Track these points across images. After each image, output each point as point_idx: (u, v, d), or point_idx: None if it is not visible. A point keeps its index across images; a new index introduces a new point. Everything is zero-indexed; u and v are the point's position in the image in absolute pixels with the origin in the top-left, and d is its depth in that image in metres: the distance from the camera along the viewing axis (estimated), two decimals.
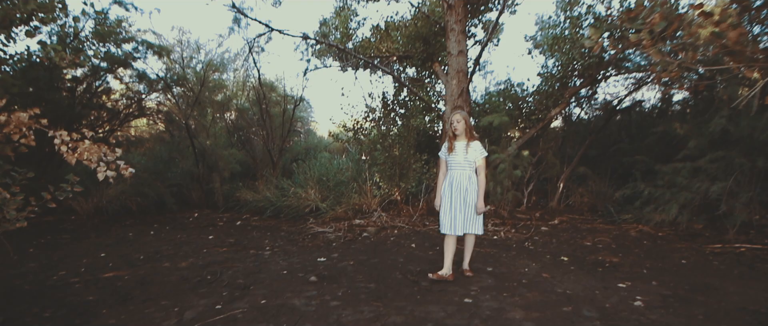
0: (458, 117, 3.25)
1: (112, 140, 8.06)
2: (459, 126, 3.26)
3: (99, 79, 7.26)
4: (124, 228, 5.99)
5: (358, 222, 5.50)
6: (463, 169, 3.23)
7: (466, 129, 3.26)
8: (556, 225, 5.81)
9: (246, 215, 6.81)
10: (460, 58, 6.25)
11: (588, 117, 7.56)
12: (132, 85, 7.65)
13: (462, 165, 3.24)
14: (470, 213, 3.19)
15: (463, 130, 3.25)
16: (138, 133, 9.64)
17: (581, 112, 7.77)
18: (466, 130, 3.26)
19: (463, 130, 3.24)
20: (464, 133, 3.25)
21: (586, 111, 7.76)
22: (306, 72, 7.80)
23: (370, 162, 6.78)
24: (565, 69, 6.41)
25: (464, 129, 3.25)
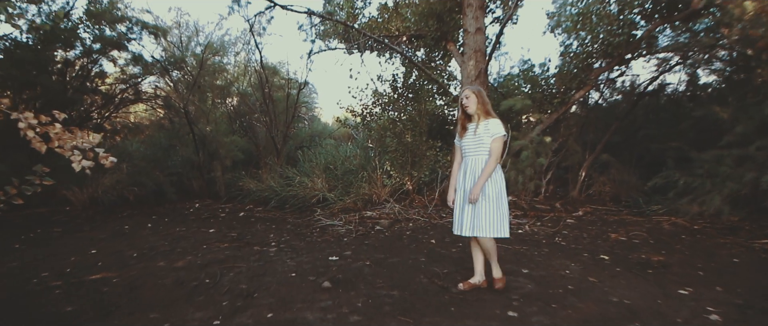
0: (468, 92, 2.65)
1: (108, 126, 7.58)
2: (470, 102, 2.64)
3: (92, 62, 6.74)
4: (120, 220, 5.56)
5: (370, 215, 5.04)
6: (476, 154, 2.63)
7: (480, 106, 2.63)
8: (581, 217, 5.34)
9: (249, 205, 6.36)
10: (478, 36, 5.71)
11: (607, 101, 7.02)
12: (127, 69, 7.13)
13: (474, 149, 2.64)
14: (480, 209, 2.57)
15: (476, 107, 2.63)
16: (138, 120, 9.16)
17: (600, 97, 7.23)
18: (480, 107, 2.63)
19: (475, 107, 2.63)
20: (478, 110, 2.64)
21: (604, 95, 7.22)
22: (310, 53, 7.26)
23: (379, 149, 6.29)
24: (591, 47, 5.86)
25: (477, 106, 2.63)
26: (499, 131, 2.56)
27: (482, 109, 2.63)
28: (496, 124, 2.58)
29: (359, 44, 6.83)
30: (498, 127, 2.57)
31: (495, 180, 2.57)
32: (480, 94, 2.66)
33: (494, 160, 2.53)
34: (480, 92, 2.68)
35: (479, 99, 2.64)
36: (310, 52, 7.13)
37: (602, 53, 5.73)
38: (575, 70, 5.88)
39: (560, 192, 6.79)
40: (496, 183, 2.58)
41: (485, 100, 2.66)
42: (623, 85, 6.51)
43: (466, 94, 2.66)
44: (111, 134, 7.56)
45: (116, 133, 7.64)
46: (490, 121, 2.58)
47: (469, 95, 2.65)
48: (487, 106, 2.65)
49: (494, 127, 2.57)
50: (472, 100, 2.64)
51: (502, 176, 2.64)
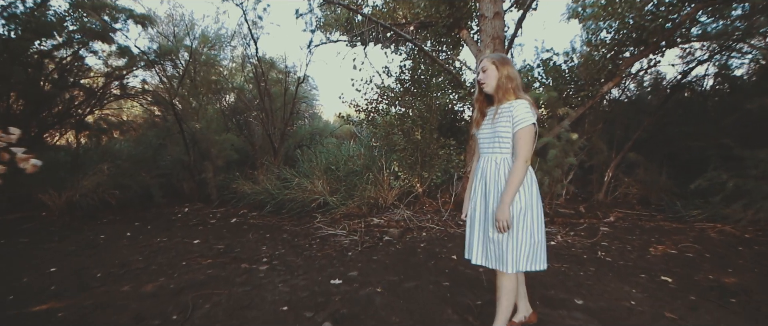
0: (486, 62, 1.89)
1: (94, 124, 6.89)
2: (488, 76, 1.86)
3: (73, 54, 6.05)
4: (98, 227, 4.88)
5: (377, 222, 4.36)
6: (492, 151, 1.87)
7: (503, 81, 1.83)
8: (614, 224, 4.66)
9: (243, 210, 5.68)
10: (497, 21, 5.01)
11: (632, 95, 6.32)
12: (110, 62, 6.44)
13: (489, 143, 1.88)
14: (495, 231, 1.80)
15: (496, 83, 1.85)
16: (130, 117, 8.47)
17: (622, 91, 6.53)
18: (503, 82, 1.83)
19: (495, 82, 1.85)
20: (500, 88, 1.84)
21: (629, 89, 6.52)
22: (310, 45, 6.56)
23: (386, 148, 5.60)
24: (621, 34, 5.16)
25: (497, 81, 1.84)
26: (526, 117, 1.73)
27: (506, 86, 1.82)
28: (523, 107, 1.75)
29: (364, 34, 6.13)
30: (525, 111, 1.73)
31: (524, 189, 1.79)
32: (503, 64, 1.85)
33: (522, 162, 1.72)
34: (503, 61, 1.86)
35: (501, 71, 1.84)
36: (309, 43, 6.43)
37: (634, 41, 5.03)
38: (602, 61, 5.18)
39: (582, 195, 6.10)
40: (526, 195, 1.79)
41: (511, 73, 1.84)
42: (661, 75, 5.81)
43: (483, 64, 1.89)
44: (97, 132, 6.88)
45: (103, 131, 6.96)
46: (514, 103, 1.77)
47: (488, 66, 1.87)
48: (513, 82, 1.83)
49: (520, 110, 1.74)
50: (491, 72, 1.86)
51: (535, 181, 1.85)
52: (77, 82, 6.16)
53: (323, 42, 7.23)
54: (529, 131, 1.74)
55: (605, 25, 5.41)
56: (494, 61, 1.88)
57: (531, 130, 1.75)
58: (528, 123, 1.73)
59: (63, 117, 6.07)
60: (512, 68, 1.88)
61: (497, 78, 1.85)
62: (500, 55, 1.92)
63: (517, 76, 1.87)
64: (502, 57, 1.90)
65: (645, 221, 4.88)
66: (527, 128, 1.74)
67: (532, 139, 1.75)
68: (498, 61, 1.87)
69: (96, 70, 6.60)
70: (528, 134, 1.74)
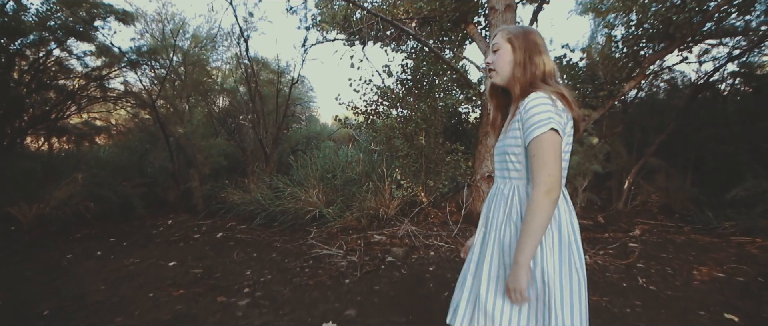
0: (499, 38, 1.28)
1: (73, 128, 6.32)
2: (499, 60, 1.26)
3: (46, 52, 5.48)
4: (68, 245, 4.32)
5: (378, 238, 3.81)
6: (501, 174, 1.30)
7: (518, 68, 1.23)
8: (641, 238, 4.12)
9: (231, 222, 5.11)
10: (508, 14, 4.47)
11: (652, 94, 5.79)
12: (90, 61, 5.87)
13: (499, 162, 1.30)
14: (492, 286, 1.23)
15: (511, 71, 1.25)
16: (120, 121, 7.90)
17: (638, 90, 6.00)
18: (518, 71, 1.23)
19: (509, 70, 1.25)
20: (515, 80, 1.24)
21: (647, 88, 5.99)
22: (305, 43, 6.01)
23: (387, 153, 5.05)
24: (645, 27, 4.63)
25: (512, 68, 1.24)
26: (540, 120, 1.10)
27: (525, 76, 1.20)
28: (538, 104, 1.12)
29: (363, 31, 5.59)
30: (541, 110, 1.11)
31: (553, 238, 1.16)
32: (524, 41, 1.23)
33: (542, 194, 1.08)
34: (525, 36, 1.24)
35: (519, 51, 1.22)
36: (304, 40, 5.88)
37: (658, 36, 4.50)
38: (625, 57, 4.65)
39: (598, 204, 5.56)
40: (556, 246, 1.15)
41: (534, 54, 1.21)
42: (683, 74, 5.27)
43: (495, 41, 1.28)
44: (76, 137, 6.31)
45: (83, 136, 6.38)
46: (526, 100, 1.15)
47: (500, 44, 1.26)
48: (537, 68, 1.20)
49: (533, 110, 1.12)
50: (503, 54, 1.24)
51: (571, 223, 1.19)
52: (52, 83, 5.59)
53: (319, 41, 6.68)
54: (549, 142, 1.08)
55: (625, 19, 4.89)
56: (510, 36, 1.24)
57: (551, 141, 1.08)
58: (543, 129, 1.08)
59: (37, 122, 5.50)
60: (538, 47, 1.22)
61: (512, 62, 1.22)
62: (521, 27, 1.27)
63: (545, 60, 1.21)
64: (524, 30, 1.24)
65: (673, 234, 4.35)
66: (543, 138, 1.08)
67: (554, 154, 1.08)
68: (515, 36, 1.23)
69: (75, 71, 6.04)
70: (546, 147, 1.08)
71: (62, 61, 5.80)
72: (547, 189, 1.07)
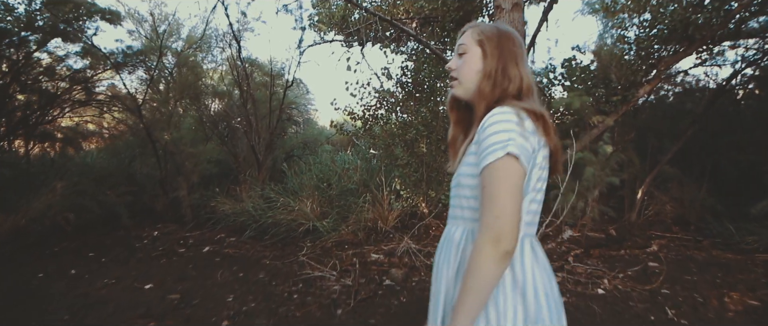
0: (466, 37, 0.97)
1: (58, 134, 5.99)
2: (464, 66, 0.96)
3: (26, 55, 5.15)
4: (42, 260, 3.99)
5: (375, 258, 3.46)
6: (452, 210, 0.98)
7: (483, 78, 0.93)
8: (658, 254, 3.78)
9: (220, 234, 4.77)
10: (515, 14, 4.12)
11: (667, 99, 5.45)
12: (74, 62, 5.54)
13: (454, 197, 0.98)
14: None
15: (478, 81, 0.94)
16: (109, 125, 7.56)
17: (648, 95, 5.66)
18: (483, 80, 0.93)
19: (474, 80, 0.95)
20: (480, 94, 0.93)
21: (661, 93, 5.65)
22: (300, 44, 5.68)
23: (386, 161, 4.71)
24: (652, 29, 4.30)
25: (479, 78, 0.94)
26: (497, 142, 0.80)
27: (492, 91, 0.92)
28: (499, 120, 0.83)
29: (361, 31, 5.26)
30: (499, 128, 0.82)
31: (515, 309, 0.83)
32: (497, 44, 0.94)
33: (488, 242, 0.76)
34: (499, 38, 0.95)
35: (487, 60, 0.94)
36: (299, 41, 5.55)
37: (677, 37, 4.16)
38: (639, 60, 4.31)
39: (607, 215, 5.21)
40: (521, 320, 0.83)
41: (503, 67, 0.93)
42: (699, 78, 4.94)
43: (460, 41, 0.99)
44: (62, 143, 5.97)
45: (68, 141, 6.04)
46: (486, 117, 0.86)
47: (467, 45, 0.97)
48: (506, 81, 0.92)
49: (492, 128, 0.83)
50: (470, 60, 0.96)
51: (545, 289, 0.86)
52: (33, 86, 5.26)
53: (317, 42, 6.36)
54: (504, 171, 0.79)
55: (638, 20, 4.54)
56: (481, 38, 0.95)
57: (507, 170, 0.79)
58: (498, 154, 0.79)
59: (16, 126, 5.17)
60: (514, 56, 0.94)
61: (480, 72, 0.94)
62: (495, 26, 0.97)
63: (522, 73, 0.94)
64: (499, 31, 0.96)
65: (693, 249, 4.02)
66: (498, 166, 0.79)
67: (510, 188, 0.78)
68: (488, 38, 0.94)
69: (58, 73, 5.70)
70: (499, 178, 0.78)
71: (43, 63, 5.47)
72: (494, 236, 0.76)
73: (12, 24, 4.89)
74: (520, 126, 0.83)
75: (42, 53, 5.18)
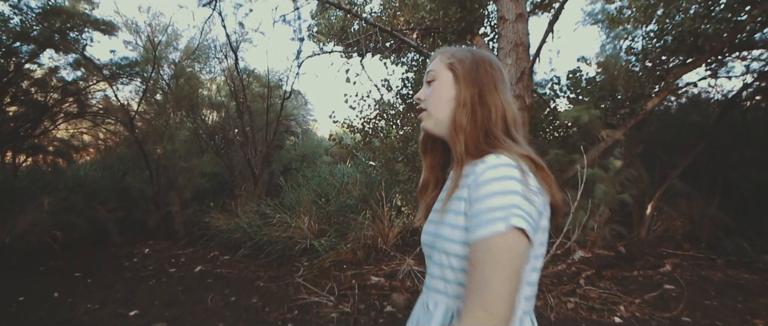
0: (436, 63, 0.81)
1: (50, 146, 5.81)
2: (433, 96, 0.80)
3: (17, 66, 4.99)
4: (26, 281, 3.77)
5: (376, 280, 3.26)
6: (431, 278, 0.78)
7: (458, 108, 0.76)
8: (673, 275, 3.58)
9: (214, 251, 4.56)
10: (519, 24, 3.98)
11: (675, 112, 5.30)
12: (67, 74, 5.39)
13: (428, 255, 0.80)
14: None
15: (451, 115, 0.77)
16: (107, 136, 7.38)
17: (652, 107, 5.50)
18: (459, 110, 0.76)
19: (447, 114, 0.78)
20: (456, 129, 0.75)
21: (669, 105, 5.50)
22: (298, 55, 5.54)
23: (386, 176, 4.53)
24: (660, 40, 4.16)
25: (452, 107, 0.77)
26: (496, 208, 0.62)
27: (472, 123, 0.75)
28: (499, 177, 0.65)
29: (361, 42, 5.12)
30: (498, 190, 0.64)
31: None
32: (464, 69, 0.77)
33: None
34: (469, 63, 0.78)
35: (461, 86, 0.77)
36: (297, 52, 5.41)
37: (686, 48, 4.02)
38: (646, 72, 4.16)
39: (615, 229, 5.01)
40: None
41: (480, 94, 0.76)
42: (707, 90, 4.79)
43: (429, 71, 0.82)
44: (53, 156, 5.79)
45: (60, 154, 5.86)
46: (482, 169, 0.67)
47: (436, 73, 0.80)
48: (486, 111, 0.75)
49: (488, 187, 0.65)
50: (440, 88, 0.79)
51: None
52: (23, 98, 5.09)
53: (316, 53, 6.23)
54: (506, 249, 0.61)
55: (644, 30, 4.41)
56: (452, 61, 0.79)
57: (510, 248, 0.61)
58: (499, 227, 0.62)
59: (4, 139, 4.98)
60: (493, 81, 0.77)
61: (453, 101, 0.77)
62: (469, 50, 0.82)
63: (504, 102, 0.77)
64: (473, 55, 0.80)
65: (707, 269, 3.83)
66: (498, 241, 0.62)
67: (510, 270, 0.61)
68: (460, 61, 0.79)
69: (50, 85, 5.53)
70: (500, 257, 0.61)
71: (34, 74, 5.31)
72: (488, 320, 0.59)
73: (4, 33, 4.75)
74: (525, 184, 0.65)
75: (33, 64, 5.01)
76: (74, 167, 6.14)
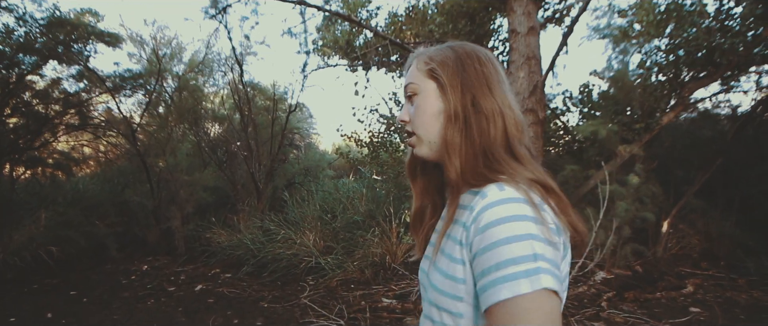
0: (414, 71, 0.66)
1: (49, 159, 5.67)
2: (419, 112, 0.65)
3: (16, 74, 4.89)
4: (19, 299, 3.60)
5: (387, 302, 3.08)
6: (428, 319, 0.64)
7: (448, 123, 0.61)
8: (695, 296, 3.41)
9: (215, 269, 4.39)
10: (531, 37, 3.90)
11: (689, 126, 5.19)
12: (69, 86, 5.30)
13: (432, 299, 0.61)
14: None
15: (438, 128, 0.63)
16: (108, 149, 7.25)
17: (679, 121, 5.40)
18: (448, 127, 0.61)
19: (436, 129, 0.63)
20: (449, 148, 0.61)
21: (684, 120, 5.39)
22: (305, 68, 5.46)
23: (394, 191, 4.39)
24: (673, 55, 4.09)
25: (441, 123, 0.62)
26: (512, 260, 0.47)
27: (466, 141, 0.60)
28: (509, 217, 0.50)
29: (367, 55, 5.05)
30: (511, 234, 0.49)
31: None
32: (448, 72, 0.62)
33: None
34: (452, 63, 0.63)
35: (448, 94, 0.62)
36: (303, 65, 5.33)
37: (701, 62, 3.93)
38: (661, 88, 4.07)
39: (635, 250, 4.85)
40: None
41: (473, 100, 0.61)
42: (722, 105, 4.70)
43: (408, 83, 0.67)
44: (51, 169, 5.64)
45: (59, 167, 5.71)
46: (483, 206, 0.53)
47: (417, 85, 0.65)
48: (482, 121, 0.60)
49: (496, 232, 0.50)
50: (425, 102, 0.64)
51: None
52: (24, 109, 4.98)
53: (320, 66, 6.15)
54: (538, 312, 0.46)
55: (655, 44, 4.34)
56: (430, 65, 0.64)
57: (542, 310, 0.46)
58: (524, 287, 0.46)
59: (4, 151, 4.85)
60: (486, 79, 0.62)
61: (441, 116, 0.63)
62: (450, 46, 0.66)
63: (503, 105, 0.61)
64: (455, 51, 0.64)
65: (730, 290, 3.66)
66: (525, 304, 0.46)
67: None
68: (441, 64, 0.63)
69: (51, 96, 5.43)
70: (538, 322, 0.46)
71: (37, 86, 5.22)
72: None
73: (8, 45, 4.68)
74: (542, 223, 0.50)
75: (36, 75, 4.92)
76: (73, 180, 6.00)
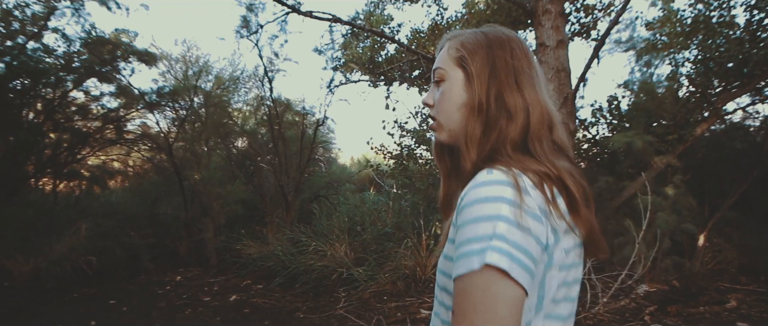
0: (441, 58, 0.65)
1: (85, 172, 5.86)
2: (444, 101, 0.63)
3: (61, 92, 5.13)
4: (61, 308, 3.69)
5: (426, 314, 3.07)
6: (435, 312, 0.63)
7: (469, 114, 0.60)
8: (740, 311, 3.30)
9: (247, 280, 4.43)
10: (560, 50, 3.95)
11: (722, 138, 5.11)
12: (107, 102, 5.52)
13: (436, 287, 0.62)
14: None
15: (459, 118, 0.61)
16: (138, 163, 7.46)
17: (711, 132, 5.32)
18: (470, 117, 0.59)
19: (457, 119, 0.62)
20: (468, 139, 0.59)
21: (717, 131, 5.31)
22: (331, 84, 5.59)
23: (424, 203, 4.40)
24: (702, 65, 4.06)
25: (463, 113, 0.61)
26: (472, 239, 0.47)
27: (483, 138, 0.59)
28: (481, 199, 0.49)
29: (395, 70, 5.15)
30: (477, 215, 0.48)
31: None
32: (478, 61, 0.60)
33: None
34: (484, 51, 0.60)
35: (473, 84, 0.60)
36: (330, 81, 5.47)
37: (733, 73, 3.91)
38: (693, 97, 4.05)
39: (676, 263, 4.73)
40: None
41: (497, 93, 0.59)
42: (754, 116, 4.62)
43: (436, 68, 0.65)
44: (88, 182, 5.83)
45: (96, 181, 5.90)
46: (467, 188, 0.52)
47: (445, 70, 0.63)
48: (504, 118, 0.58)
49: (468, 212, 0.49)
50: (450, 90, 0.62)
51: None
52: (66, 125, 5.19)
53: (343, 82, 6.31)
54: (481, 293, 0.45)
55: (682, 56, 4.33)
56: (460, 52, 0.62)
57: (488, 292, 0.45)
58: (473, 263, 0.46)
59: (46, 165, 5.05)
60: (514, 71, 0.60)
61: (464, 105, 0.61)
62: (481, 31, 0.64)
63: (528, 100, 0.59)
64: (487, 37, 0.62)
65: None
66: (473, 280, 0.46)
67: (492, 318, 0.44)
68: (471, 51, 0.61)
69: (92, 112, 5.66)
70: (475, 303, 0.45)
71: (77, 102, 5.45)
72: None
73: (50, 65, 4.92)
74: (517, 207, 0.48)
75: (78, 93, 5.16)
76: (106, 193, 6.18)
